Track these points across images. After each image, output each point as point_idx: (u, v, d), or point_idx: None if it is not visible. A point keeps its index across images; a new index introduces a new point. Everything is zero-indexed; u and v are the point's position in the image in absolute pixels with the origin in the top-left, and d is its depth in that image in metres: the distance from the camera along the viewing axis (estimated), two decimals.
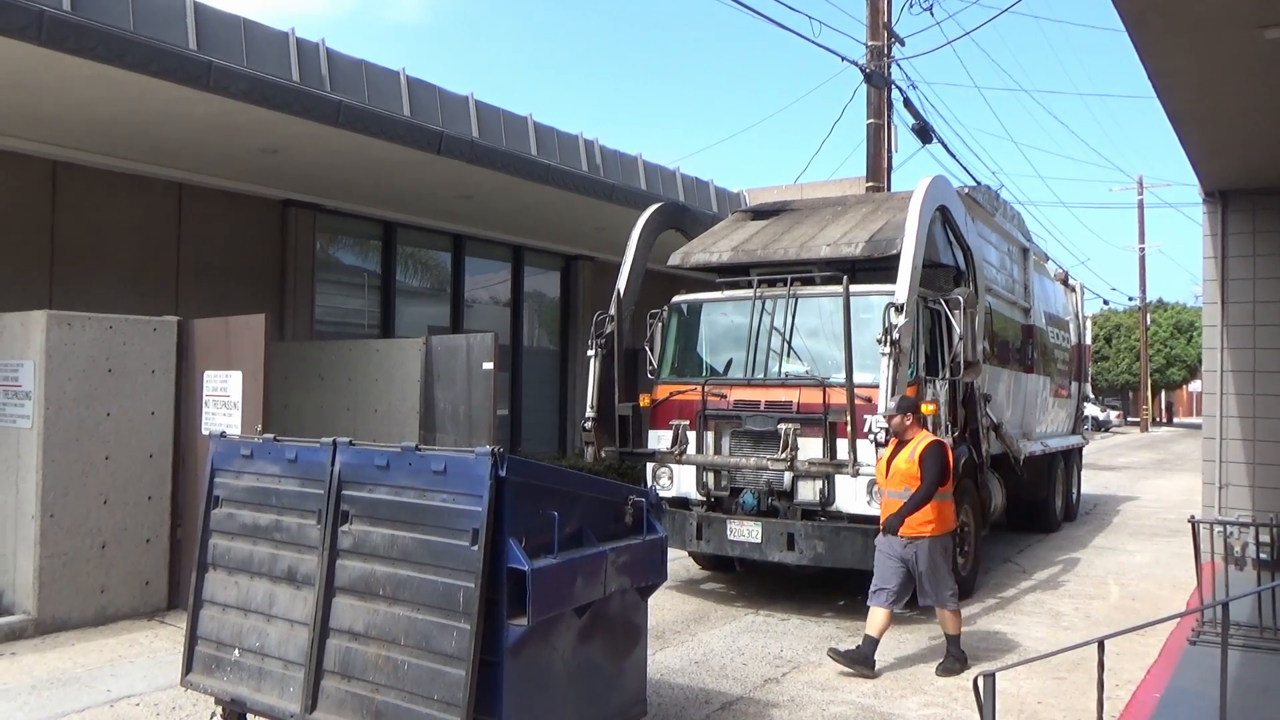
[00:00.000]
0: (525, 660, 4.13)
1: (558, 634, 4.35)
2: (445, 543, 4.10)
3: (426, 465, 4.24)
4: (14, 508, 7.03)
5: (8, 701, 5.51)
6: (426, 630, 4.10)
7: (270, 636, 4.66)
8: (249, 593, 4.81)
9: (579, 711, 4.48)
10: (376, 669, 4.25)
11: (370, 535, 4.38)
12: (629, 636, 4.87)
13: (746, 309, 8.58)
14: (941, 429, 8.30)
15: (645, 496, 4.91)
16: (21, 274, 9.49)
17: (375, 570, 4.33)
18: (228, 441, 5.17)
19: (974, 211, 9.92)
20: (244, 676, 4.72)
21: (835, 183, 18.66)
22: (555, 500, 4.31)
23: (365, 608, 4.34)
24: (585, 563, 4.39)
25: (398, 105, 10.46)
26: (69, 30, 7.20)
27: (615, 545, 4.61)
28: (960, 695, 5.89)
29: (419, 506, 4.24)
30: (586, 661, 4.53)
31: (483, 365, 8.87)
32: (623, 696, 4.80)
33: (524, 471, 4.19)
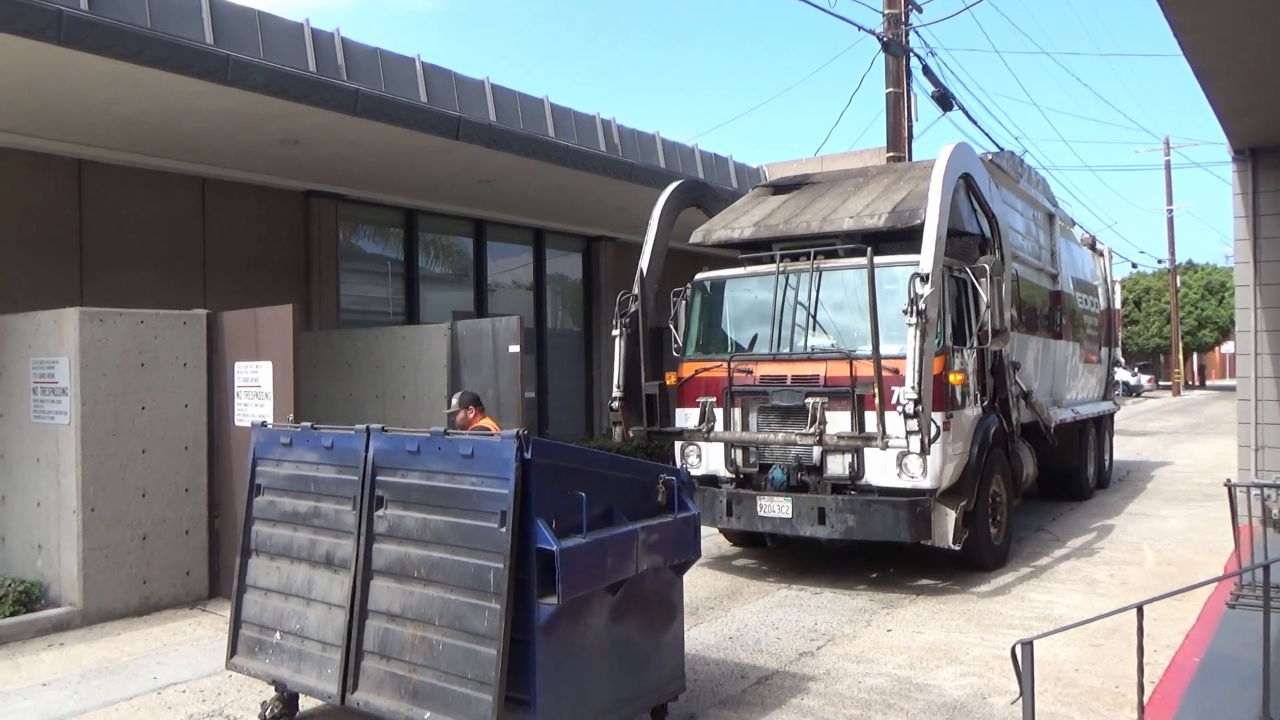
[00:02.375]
0: (557, 638, 4.20)
1: (590, 612, 4.41)
2: (475, 525, 4.19)
3: (455, 449, 4.35)
4: (56, 503, 7.17)
5: (59, 690, 5.65)
6: (459, 611, 4.20)
7: (309, 619, 4.80)
8: (289, 577, 4.95)
9: (615, 688, 4.55)
10: (413, 649, 4.36)
11: (404, 519, 4.50)
12: (665, 614, 4.92)
13: (770, 284, 8.54)
14: (970, 398, 8.26)
15: (676, 475, 4.93)
16: (52, 272, 9.62)
17: (410, 553, 4.45)
18: (268, 430, 5.31)
19: (998, 178, 9.80)
20: (285, 658, 4.88)
21: (855, 154, 18.49)
22: (583, 481, 4.37)
23: (401, 590, 4.46)
24: (615, 542, 4.44)
25: (414, 92, 10.46)
26: (87, 29, 7.25)
27: (646, 524, 4.64)
28: (997, 665, 5.88)
29: (449, 490, 4.34)
30: (621, 639, 4.59)
31: (509, 348, 8.90)
32: (660, 673, 4.85)
33: (550, 453, 4.27)
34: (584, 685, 4.38)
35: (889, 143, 14.26)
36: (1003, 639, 6.40)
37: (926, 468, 7.47)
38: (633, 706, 4.70)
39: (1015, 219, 10.43)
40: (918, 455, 7.28)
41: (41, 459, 7.32)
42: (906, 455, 7.43)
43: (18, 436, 7.57)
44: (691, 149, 15.34)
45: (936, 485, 7.61)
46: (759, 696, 5.44)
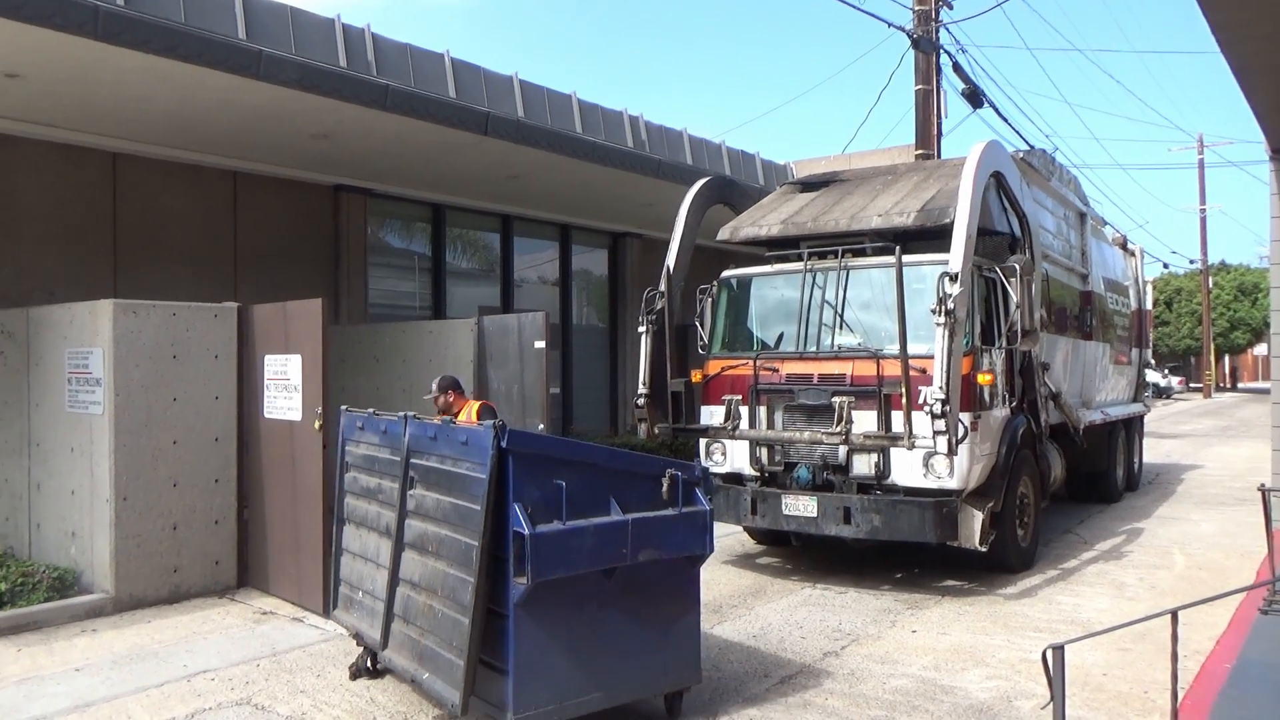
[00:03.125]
0: (537, 616, 4.45)
1: (579, 595, 4.59)
2: (466, 506, 4.55)
3: (456, 437, 4.75)
4: (90, 491, 7.28)
5: (92, 676, 5.74)
6: (454, 584, 4.58)
7: (377, 581, 5.33)
8: (365, 543, 5.55)
9: (610, 670, 4.72)
10: (423, 615, 4.82)
11: (425, 498, 4.93)
12: (675, 605, 5.02)
13: (797, 282, 8.51)
14: (998, 399, 8.19)
15: (684, 470, 4.99)
16: (87, 264, 9.76)
17: (428, 529, 4.88)
18: (350, 415, 5.86)
19: (1029, 176, 9.70)
20: (362, 614, 5.51)
21: (884, 151, 18.37)
22: (571, 471, 4.58)
23: (420, 561, 4.90)
24: (598, 530, 4.59)
25: (443, 87, 10.51)
26: (123, 24, 7.34)
27: (640, 516, 4.75)
28: (1024, 668, 5.84)
29: (452, 474, 4.72)
30: (619, 625, 4.75)
31: (535, 344, 8.92)
32: (669, 663, 4.97)
33: (529, 443, 4.58)
34: (569, 662, 4.57)
35: (918, 140, 14.17)
36: (1029, 642, 6.35)
37: (953, 468, 7.41)
38: (634, 691, 4.86)
39: (1046, 218, 10.32)
40: (945, 455, 7.23)
41: (75, 448, 7.43)
42: (933, 455, 7.39)
43: (53, 425, 7.69)
44: (719, 145, 15.31)
45: (963, 486, 7.56)
46: (783, 696, 5.43)
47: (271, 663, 5.99)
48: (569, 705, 4.57)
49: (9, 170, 9.30)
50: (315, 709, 5.22)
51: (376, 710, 5.20)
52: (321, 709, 5.22)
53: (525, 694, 4.42)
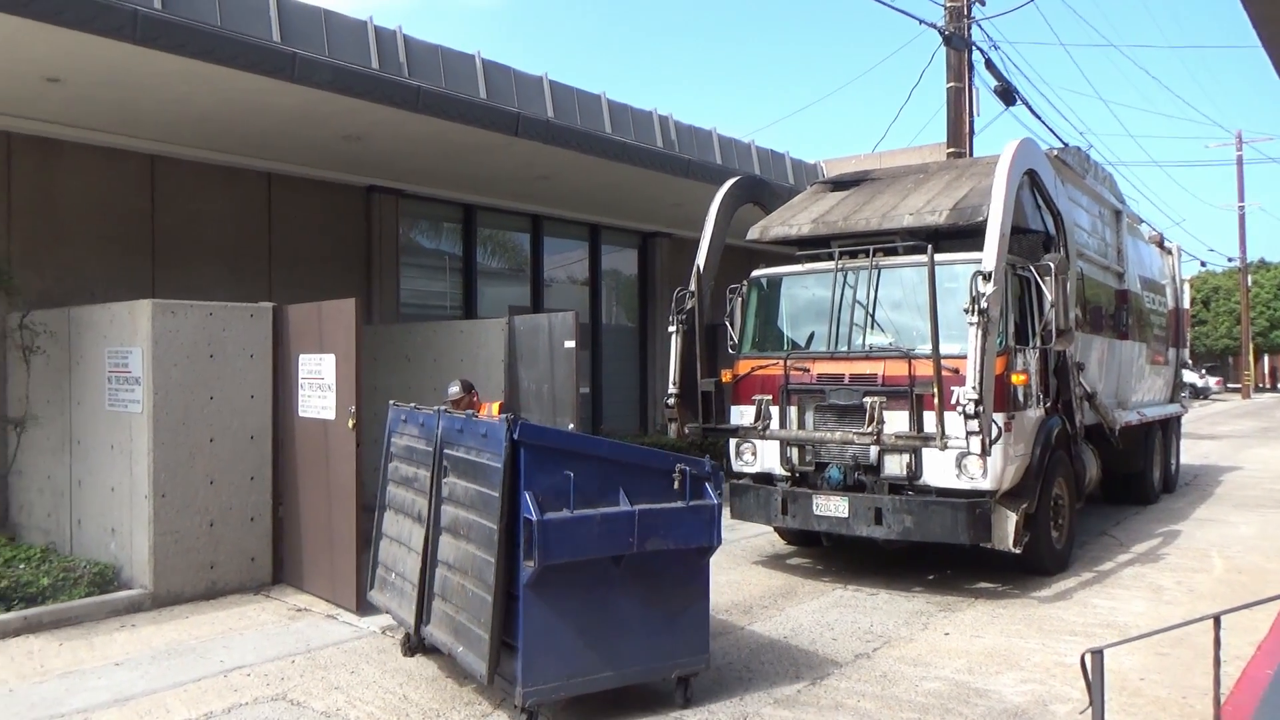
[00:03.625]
0: (545, 597, 4.79)
1: (588, 580, 4.92)
2: (488, 493, 4.93)
3: (478, 430, 5.16)
4: (129, 488, 7.40)
5: (131, 670, 5.84)
6: (480, 565, 4.97)
7: (407, 564, 5.76)
8: (401, 528, 5.97)
9: (620, 654, 5.02)
10: (457, 594, 5.23)
11: (456, 486, 5.35)
12: (684, 593, 5.28)
13: (828, 281, 8.47)
14: (1032, 399, 8.11)
15: (693, 465, 5.24)
16: (126, 265, 9.92)
17: (459, 514, 5.29)
18: (396, 409, 6.33)
19: (1063, 174, 9.59)
20: (395, 594, 5.92)
21: (915, 150, 18.23)
22: (582, 464, 4.91)
23: (454, 544, 5.31)
24: (604, 519, 4.89)
25: (474, 88, 10.57)
26: (161, 28, 7.45)
27: (647, 507, 5.02)
28: (1059, 672, 5.77)
29: (476, 464, 5.11)
30: (628, 610, 5.06)
31: (564, 344, 8.95)
32: (676, 647, 5.22)
33: (539, 436, 4.90)
34: (579, 642, 4.90)
35: (949, 138, 14.05)
36: (1065, 645, 6.28)
37: (987, 469, 7.34)
38: (642, 672, 5.15)
39: (1081, 216, 10.20)
40: (978, 456, 7.17)
41: (115, 445, 7.56)
42: (966, 456, 7.32)
43: (93, 423, 7.83)
44: (748, 145, 15.27)
45: (997, 487, 7.48)
46: (814, 698, 5.41)
47: (306, 659, 6.06)
48: (576, 682, 4.88)
49: (51, 173, 9.47)
50: (349, 705, 5.27)
51: (409, 707, 5.25)
52: (355, 705, 5.28)
53: (534, 669, 4.75)
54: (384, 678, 5.71)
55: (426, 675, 5.75)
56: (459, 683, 5.61)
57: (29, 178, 9.32)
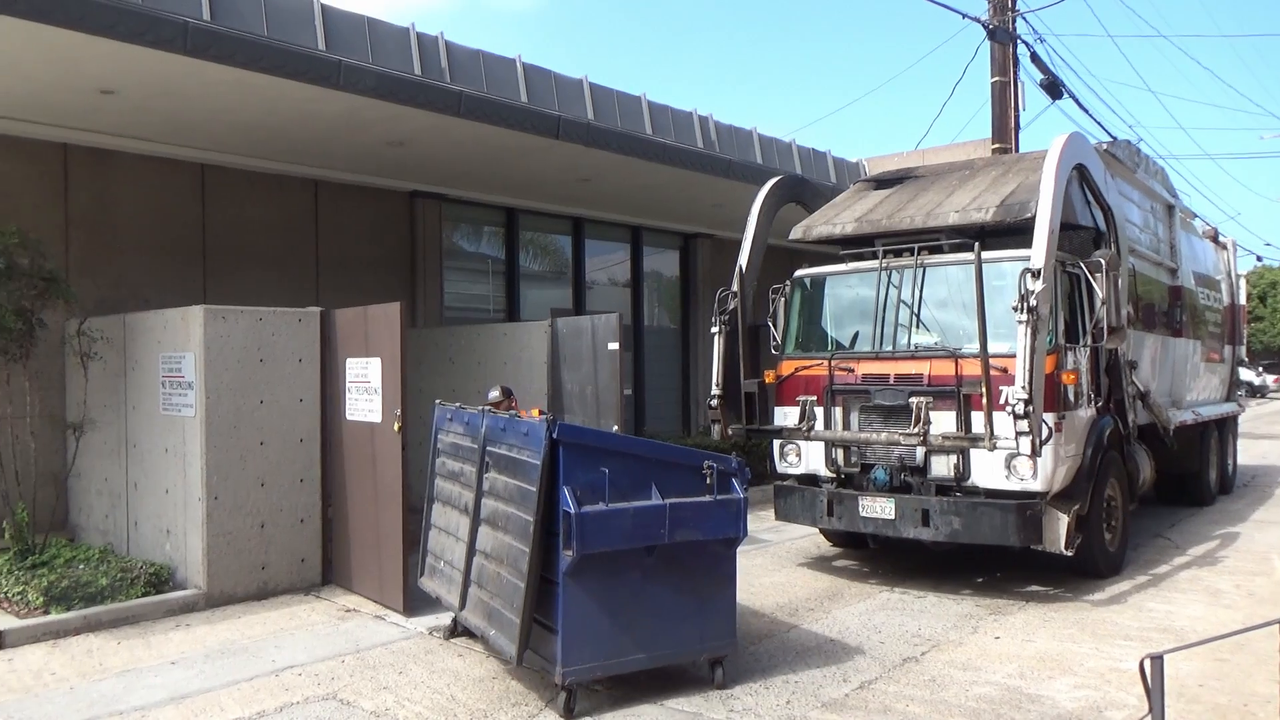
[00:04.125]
0: (584, 584, 5.13)
1: (622, 569, 5.24)
2: (525, 488, 5.25)
3: (520, 429, 5.49)
4: (182, 490, 7.55)
5: (186, 669, 5.95)
6: (515, 554, 5.31)
7: (454, 553, 6.18)
8: (449, 519, 6.40)
9: (652, 637, 5.35)
10: (492, 581, 5.59)
11: (497, 480, 5.70)
12: (712, 581, 5.58)
13: (872, 281, 8.39)
14: (1084, 398, 7.95)
15: (721, 462, 5.54)
16: (178, 271, 10.14)
17: (498, 507, 5.63)
18: (442, 407, 6.75)
19: (1113, 168, 9.40)
20: (442, 581, 6.33)
21: (959, 146, 18.00)
22: (616, 461, 5.24)
23: (492, 535, 5.67)
24: (637, 511, 5.21)
25: (515, 92, 10.65)
26: (210, 39, 7.61)
27: (677, 501, 5.33)
28: (1113, 678, 5.65)
29: (517, 460, 5.43)
30: (661, 596, 5.37)
31: (608, 345, 8.97)
32: (705, 631, 5.53)
33: (577, 435, 5.27)
34: (613, 626, 5.22)
35: (994, 134, 13.86)
36: (1120, 650, 6.15)
37: (1037, 470, 7.22)
38: (673, 655, 5.48)
39: (1132, 211, 9.99)
40: (1028, 457, 7.05)
41: (169, 449, 7.72)
42: (1016, 456, 7.20)
43: (148, 427, 8.01)
44: (789, 144, 15.19)
45: (1047, 488, 7.35)
46: (862, 701, 5.36)
47: (355, 659, 6.14)
48: (612, 663, 5.23)
49: (106, 183, 9.72)
50: (398, 705, 5.33)
51: (457, 707, 5.29)
52: (404, 705, 5.33)
53: (572, 651, 5.09)
54: (432, 678, 5.77)
55: (474, 676, 5.79)
56: (505, 683, 5.65)
57: (85, 188, 9.58)
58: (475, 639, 6.25)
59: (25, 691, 5.59)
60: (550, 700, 5.35)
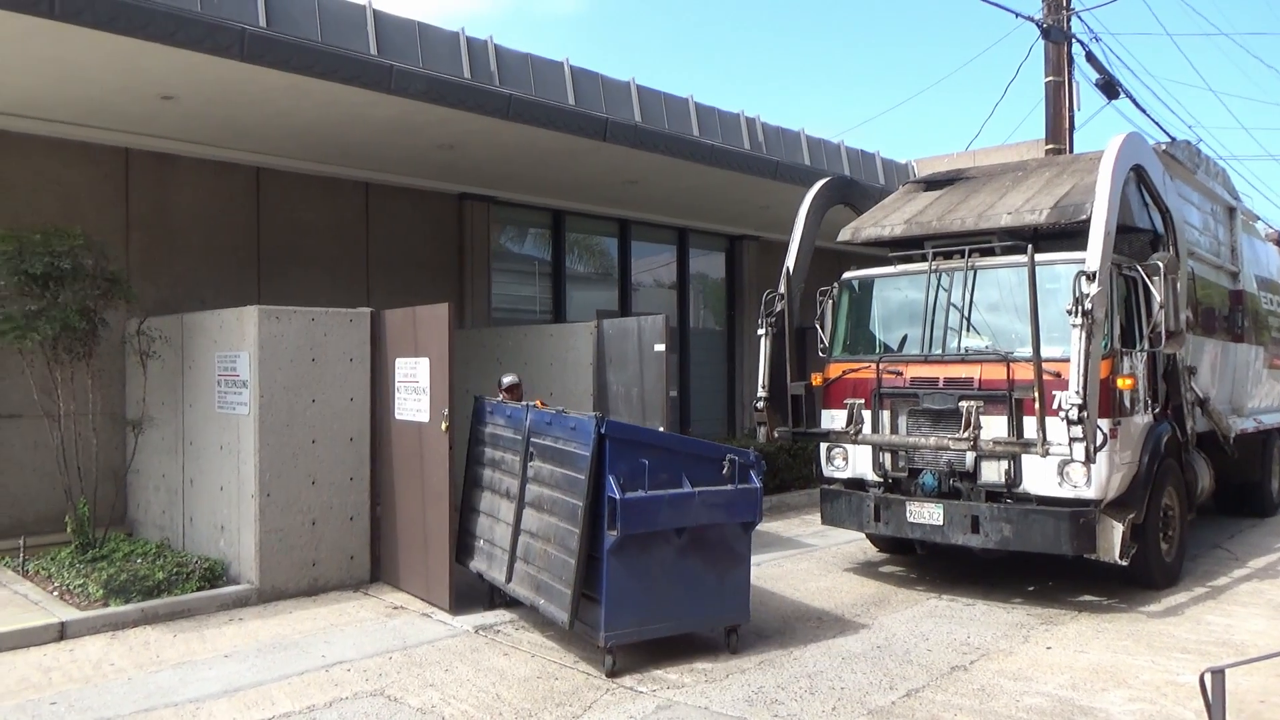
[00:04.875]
0: (624, 561, 5.82)
1: (655, 546, 5.95)
2: (573, 476, 5.95)
3: (567, 424, 6.15)
4: (236, 487, 7.71)
5: (239, 663, 6.08)
6: (563, 534, 6.01)
7: (497, 533, 6.93)
8: (489, 503, 7.13)
9: (679, 607, 6.06)
10: (539, 557, 6.29)
11: (541, 469, 6.38)
12: (731, 560, 6.31)
13: (922, 283, 8.28)
14: (1140, 405, 7.78)
15: (741, 455, 6.25)
16: (233, 272, 10.36)
17: (543, 492, 6.35)
18: (482, 400, 7.55)
19: (1172, 169, 9.18)
20: (484, 558, 7.10)
21: (1011, 147, 17.71)
22: (653, 454, 5.95)
23: (537, 517, 6.39)
24: (670, 498, 5.92)
25: (563, 95, 10.70)
26: (266, 45, 7.76)
27: (704, 489, 6.04)
28: (1170, 691, 5.51)
29: (564, 451, 6.10)
30: (687, 572, 6.08)
31: (654, 347, 8.98)
32: (723, 604, 6.27)
33: (622, 431, 5.98)
34: (647, 599, 5.92)
35: (1048, 134, 13.60)
36: (1176, 663, 6.00)
37: (1091, 477, 7.07)
38: (696, 622, 6.25)
39: (1191, 213, 9.74)
40: (1082, 463, 6.91)
41: (224, 446, 7.89)
42: (1069, 463, 7.07)
43: (204, 425, 8.19)
44: (837, 145, 15.07)
45: (1102, 496, 7.20)
46: (909, 709, 5.29)
47: (402, 656, 6.22)
48: (646, 629, 5.94)
49: (165, 187, 9.96)
50: (444, 702, 5.38)
51: (502, 706, 5.33)
52: (450, 702, 5.38)
53: (613, 618, 5.79)
54: (477, 676, 5.82)
55: (519, 675, 5.83)
56: (550, 683, 5.68)
57: (146, 191, 9.83)
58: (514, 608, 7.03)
59: (86, 681, 5.74)
60: (593, 703, 5.37)
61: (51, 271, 7.61)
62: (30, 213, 8.79)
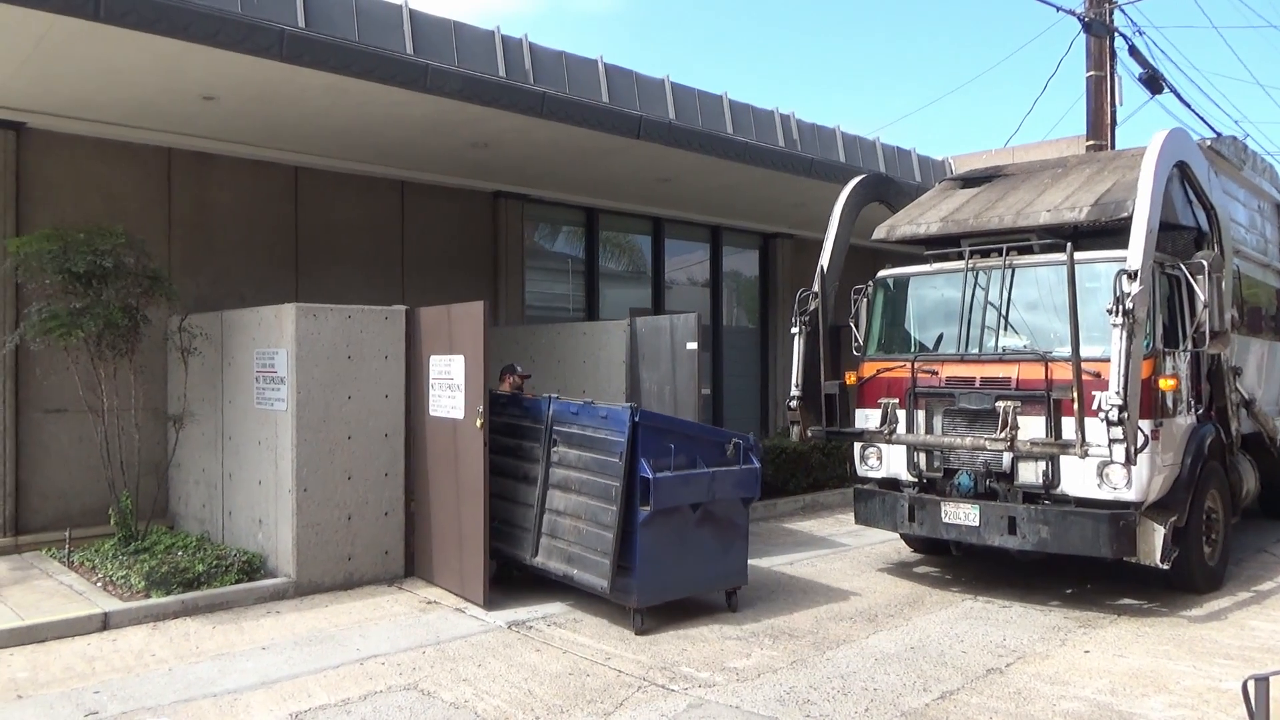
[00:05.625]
0: (653, 533, 6.63)
1: (677, 521, 6.79)
2: (606, 459, 6.72)
3: (598, 413, 6.93)
4: (274, 482, 7.82)
5: (276, 655, 6.16)
6: (595, 511, 6.77)
7: (516, 513, 7.52)
8: (507, 488, 7.59)
9: (694, 573, 6.98)
10: (569, 533, 7.01)
11: (567, 454, 7.13)
12: (733, 531, 7.24)
13: (958, 282, 8.19)
14: (1183, 405, 7.63)
15: (743, 440, 7.20)
16: (272, 270, 10.50)
17: (569, 475, 7.08)
18: (492, 393, 7.65)
19: (1218, 166, 8.99)
20: (502, 539, 7.53)
21: (1050, 143, 17.45)
22: (676, 439, 6.80)
23: (564, 497, 7.11)
24: (692, 477, 6.81)
25: (596, 93, 10.70)
26: (305, 45, 7.84)
27: (716, 469, 6.98)
28: (1212, 698, 5.41)
29: (593, 437, 6.88)
30: (700, 542, 6.98)
31: (687, 345, 8.96)
32: (728, 569, 7.24)
33: (652, 419, 6.78)
34: (670, 564, 6.78)
35: (1089, 130, 13.39)
36: (1219, 669, 5.88)
37: (1131, 479, 6.95)
38: (706, 586, 7.18)
39: (1237, 210, 9.54)
40: (1122, 465, 6.80)
41: (262, 441, 8.00)
42: (1109, 465, 6.95)
43: (243, 421, 8.31)
44: (872, 142, 14.93)
45: (1143, 498, 7.07)
46: (944, 712, 5.24)
47: (436, 650, 6.27)
48: (667, 593, 6.84)
49: (206, 186, 10.12)
50: (476, 697, 5.42)
51: (534, 702, 5.35)
52: (483, 698, 5.42)
53: (644, 586, 6.63)
54: (510, 672, 5.85)
55: (551, 671, 5.85)
56: (581, 680, 5.70)
57: (187, 190, 9.98)
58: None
59: (128, 671, 5.86)
60: (624, 700, 5.38)
61: (94, 270, 7.75)
62: (76, 212, 8.98)
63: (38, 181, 9.03)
